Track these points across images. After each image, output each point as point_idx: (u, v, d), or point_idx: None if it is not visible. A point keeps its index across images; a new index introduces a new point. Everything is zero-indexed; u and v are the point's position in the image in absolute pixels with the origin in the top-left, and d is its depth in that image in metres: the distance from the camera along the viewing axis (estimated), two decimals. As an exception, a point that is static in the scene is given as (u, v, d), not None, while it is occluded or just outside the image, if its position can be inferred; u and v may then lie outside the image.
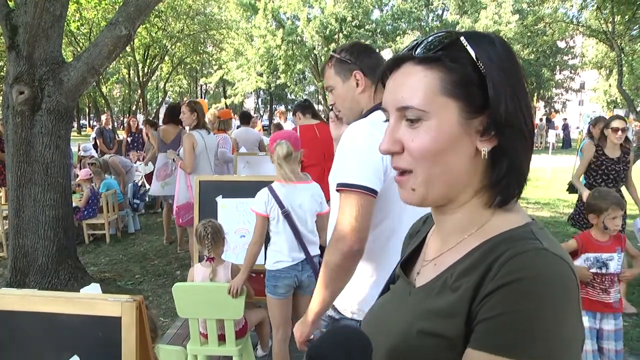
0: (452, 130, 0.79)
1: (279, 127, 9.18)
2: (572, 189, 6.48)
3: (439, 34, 0.82)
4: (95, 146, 10.33)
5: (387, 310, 0.94)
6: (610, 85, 29.80)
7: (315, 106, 5.64)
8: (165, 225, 7.00)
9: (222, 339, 3.14)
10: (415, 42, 0.84)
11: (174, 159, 5.77)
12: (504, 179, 0.81)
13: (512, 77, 0.80)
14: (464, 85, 0.78)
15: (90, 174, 7.26)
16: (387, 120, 0.86)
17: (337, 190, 1.68)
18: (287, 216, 2.97)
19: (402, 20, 31.56)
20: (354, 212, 1.63)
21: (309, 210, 3.03)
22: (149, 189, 8.65)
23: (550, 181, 10.20)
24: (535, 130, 6.34)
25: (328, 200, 3.81)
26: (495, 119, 0.78)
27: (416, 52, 0.81)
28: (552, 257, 0.73)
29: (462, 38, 0.80)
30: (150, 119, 11.83)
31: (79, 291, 1.35)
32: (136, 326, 1.20)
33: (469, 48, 0.79)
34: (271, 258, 3.05)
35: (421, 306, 0.84)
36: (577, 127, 29.25)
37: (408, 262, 1.00)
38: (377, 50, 2.30)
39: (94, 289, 1.42)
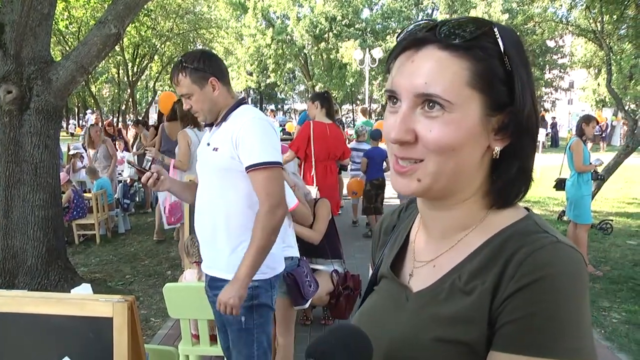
0: (473, 125, 0.74)
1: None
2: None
3: (467, 20, 0.75)
4: (84, 146, 10.28)
5: (381, 316, 0.89)
6: (598, 85, 29.96)
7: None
8: (157, 222, 6.95)
9: (213, 339, 3.12)
10: (432, 22, 0.76)
11: (163, 158, 5.68)
12: (512, 181, 0.79)
13: (531, 76, 0.77)
14: (490, 79, 0.73)
15: (68, 178, 7.17)
16: (394, 102, 0.78)
17: (260, 168, 2.03)
18: None
19: (392, 19, 31.67)
20: (280, 182, 2.09)
21: None
22: (139, 187, 8.62)
23: (540, 179, 10.25)
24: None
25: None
26: (517, 118, 0.75)
27: (441, 36, 0.73)
28: (569, 249, 0.72)
29: (495, 29, 0.74)
30: (140, 118, 11.79)
31: (69, 292, 1.33)
32: (128, 327, 1.19)
33: (499, 41, 0.73)
34: None
35: (428, 312, 0.80)
36: (561, 126, 29.39)
37: (394, 262, 0.93)
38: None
39: (84, 289, 1.40)
